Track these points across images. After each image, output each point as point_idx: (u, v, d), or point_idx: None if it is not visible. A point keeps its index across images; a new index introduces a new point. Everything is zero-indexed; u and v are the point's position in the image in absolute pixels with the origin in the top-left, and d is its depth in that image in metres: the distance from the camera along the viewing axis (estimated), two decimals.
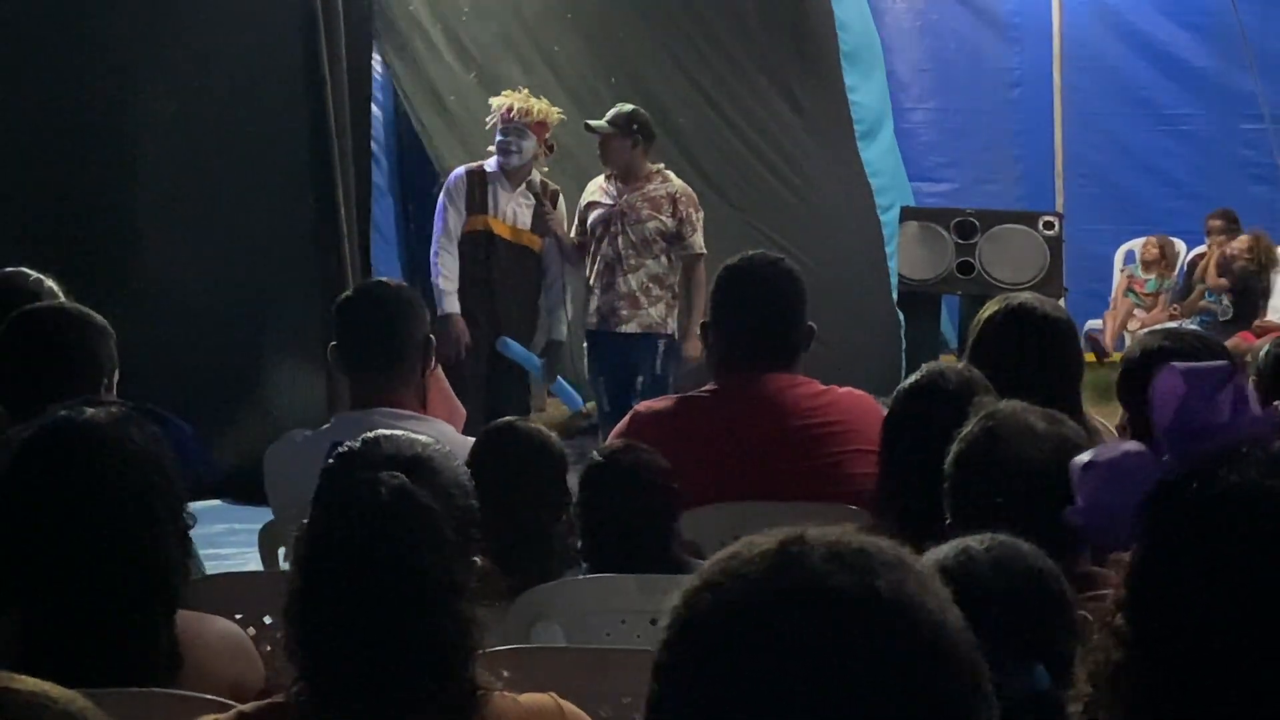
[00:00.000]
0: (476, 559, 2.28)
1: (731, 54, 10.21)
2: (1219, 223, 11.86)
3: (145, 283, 8.05)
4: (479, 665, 2.23)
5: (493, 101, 8.00)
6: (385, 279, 5.74)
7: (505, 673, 2.28)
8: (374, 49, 9.49)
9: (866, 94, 10.57)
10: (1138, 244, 12.61)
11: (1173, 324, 9.85)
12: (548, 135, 7.91)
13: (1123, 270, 12.65)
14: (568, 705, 2.33)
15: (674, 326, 7.78)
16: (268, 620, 3.21)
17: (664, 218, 7.73)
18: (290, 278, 8.47)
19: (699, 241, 7.77)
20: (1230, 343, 6.76)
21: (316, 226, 8.52)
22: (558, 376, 8.15)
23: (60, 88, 7.98)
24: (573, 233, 7.92)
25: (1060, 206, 11.37)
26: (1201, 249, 12.10)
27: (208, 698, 2.44)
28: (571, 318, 7.97)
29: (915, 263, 10.36)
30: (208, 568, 4.04)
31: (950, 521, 2.74)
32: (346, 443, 2.31)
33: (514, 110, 7.76)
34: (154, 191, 8.23)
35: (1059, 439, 2.80)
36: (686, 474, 3.64)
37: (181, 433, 2.70)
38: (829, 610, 1.19)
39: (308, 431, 4.32)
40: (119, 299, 6.41)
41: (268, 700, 2.29)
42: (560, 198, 7.92)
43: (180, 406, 2.96)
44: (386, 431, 2.34)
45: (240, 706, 2.29)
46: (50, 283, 4.23)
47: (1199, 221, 12.08)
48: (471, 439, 3.74)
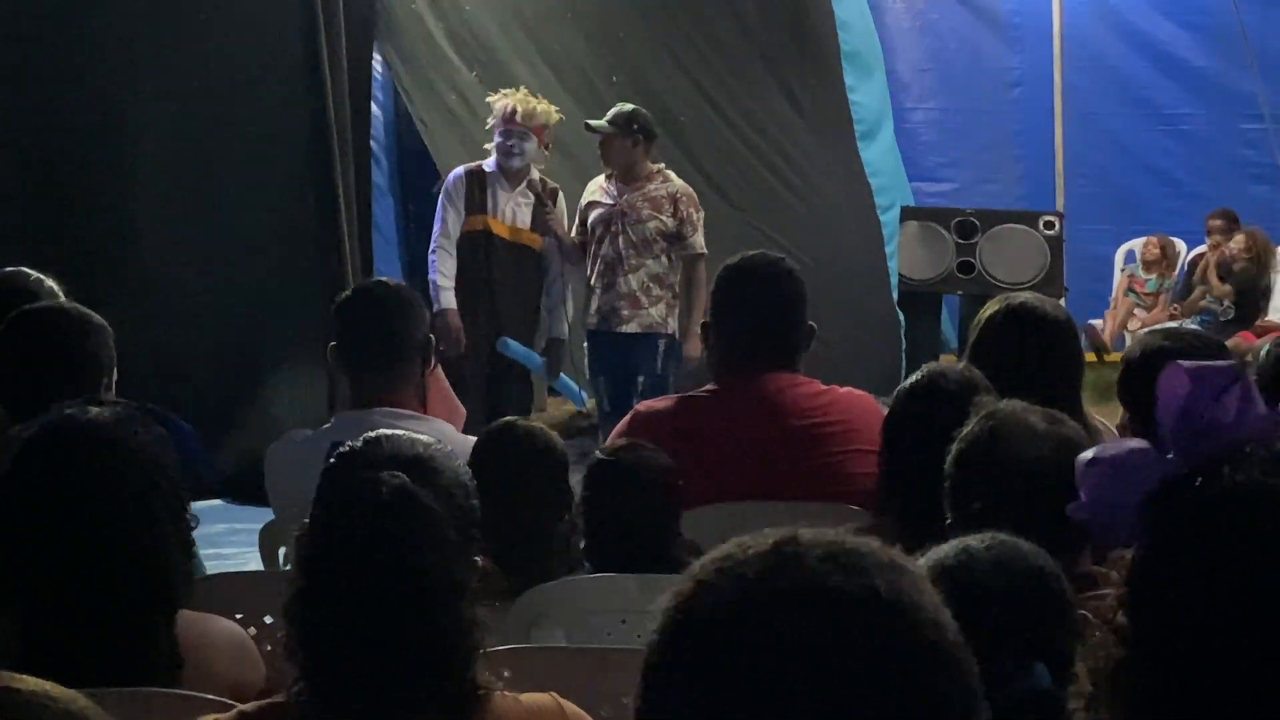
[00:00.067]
0: (478, 559, 2.28)
1: (732, 53, 10.21)
2: (1219, 222, 11.85)
3: (145, 282, 8.04)
4: (480, 665, 2.23)
5: (491, 101, 8.00)
6: (385, 279, 5.74)
7: (506, 672, 2.29)
8: (375, 48, 9.50)
9: (866, 94, 10.57)
10: (1138, 244, 12.60)
11: (1173, 324, 9.83)
12: (546, 136, 7.92)
13: (1123, 270, 12.64)
14: (568, 705, 2.33)
15: (674, 326, 7.78)
16: (268, 620, 3.21)
17: (664, 217, 7.72)
18: (290, 278, 8.47)
19: (699, 241, 7.76)
20: (1231, 342, 6.74)
21: (316, 226, 8.52)
22: (560, 373, 8.15)
23: (60, 88, 7.97)
24: (573, 232, 7.92)
25: (1061, 206, 11.37)
26: (1202, 249, 12.09)
27: (209, 697, 2.44)
28: (572, 317, 7.97)
29: (915, 262, 10.36)
30: (209, 568, 4.03)
31: (951, 521, 2.74)
32: (347, 442, 2.31)
33: (519, 114, 7.75)
34: (154, 191, 8.22)
35: (1059, 439, 2.79)
36: (686, 474, 3.65)
37: (183, 433, 2.70)
38: (830, 610, 1.19)
39: (308, 431, 4.32)
40: (119, 299, 6.43)
41: (268, 700, 2.29)
42: (560, 195, 7.92)
43: (180, 406, 2.97)
44: (387, 431, 2.34)
45: (241, 706, 2.28)
46: (50, 282, 4.23)
47: (1199, 221, 12.06)
48: (472, 438, 3.74)
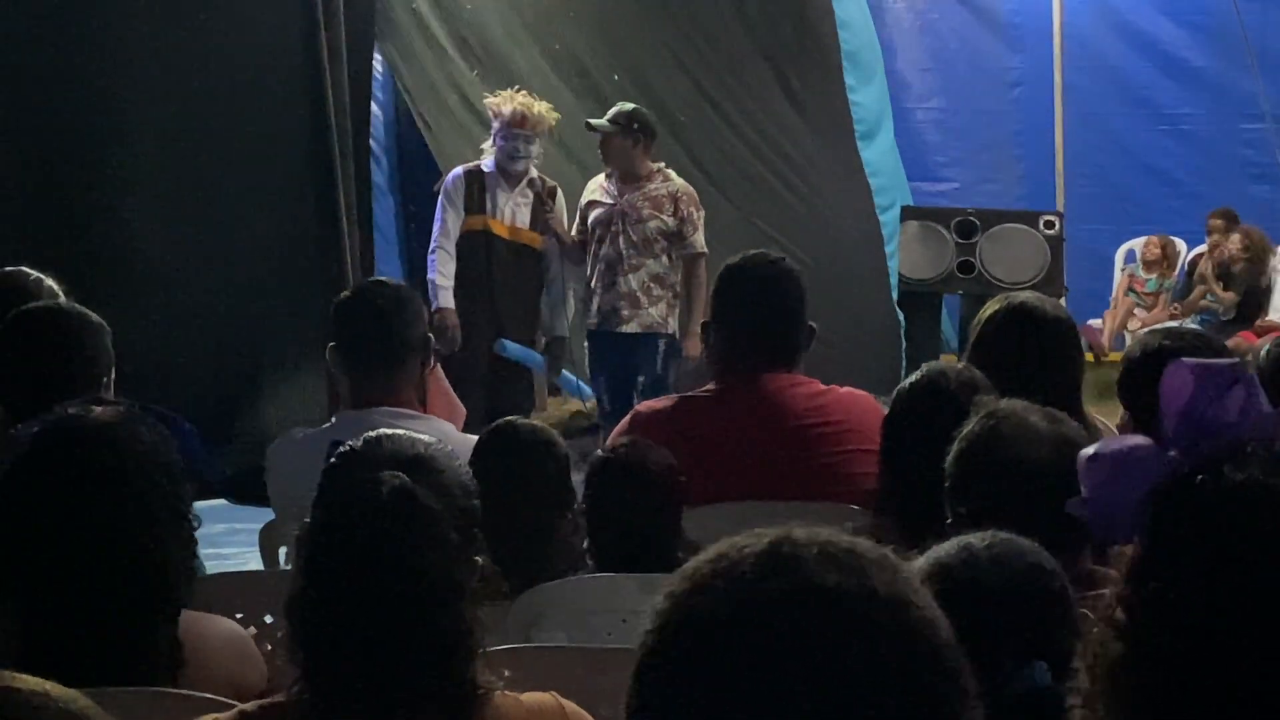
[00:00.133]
0: (478, 559, 2.27)
1: (732, 53, 10.22)
2: (1220, 222, 11.84)
3: (145, 283, 8.03)
4: (480, 665, 2.23)
5: (490, 102, 7.99)
6: (384, 278, 5.74)
7: (506, 672, 2.28)
8: (375, 48, 9.49)
9: (867, 94, 10.57)
10: (1139, 243, 12.60)
11: (1173, 323, 9.83)
12: (546, 136, 7.94)
13: (1124, 270, 12.64)
14: (569, 704, 2.33)
15: (674, 326, 7.78)
16: (268, 619, 3.21)
17: (665, 217, 7.72)
18: (290, 278, 8.46)
19: (700, 240, 7.76)
20: (1231, 342, 6.75)
21: (316, 226, 8.51)
22: (562, 370, 8.15)
23: (60, 88, 7.97)
24: (573, 231, 7.92)
25: (1061, 206, 11.36)
26: (1202, 248, 12.08)
27: (209, 697, 2.43)
28: (573, 316, 7.97)
29: (916, 262, 10.36)
30: (209, 567, 4.01)
31: (951, 521, 2.74)
32: (348, 442, 2.31)
33: (527, 119, 7.75)
34: (154, 191, 8.21)
35: (1060, 438, 2.79)
36: (687, 474, 3.64)
37: (185, 433, 2.69)
38: (830, 610, 1.19)
39: (309, 429, 4.31)
40: (119, 299, 6.42)
41: (269, 700, 2.29)
42: (559, 193, 7.91)
43: (180, 406, 2.96)
44: (388, 431, 2.33)
45: (242, 706, 2.28)
46: (50, 282, 4.23)
47: (1199, 221, 12.06)
48: (473, 437, 3.73)
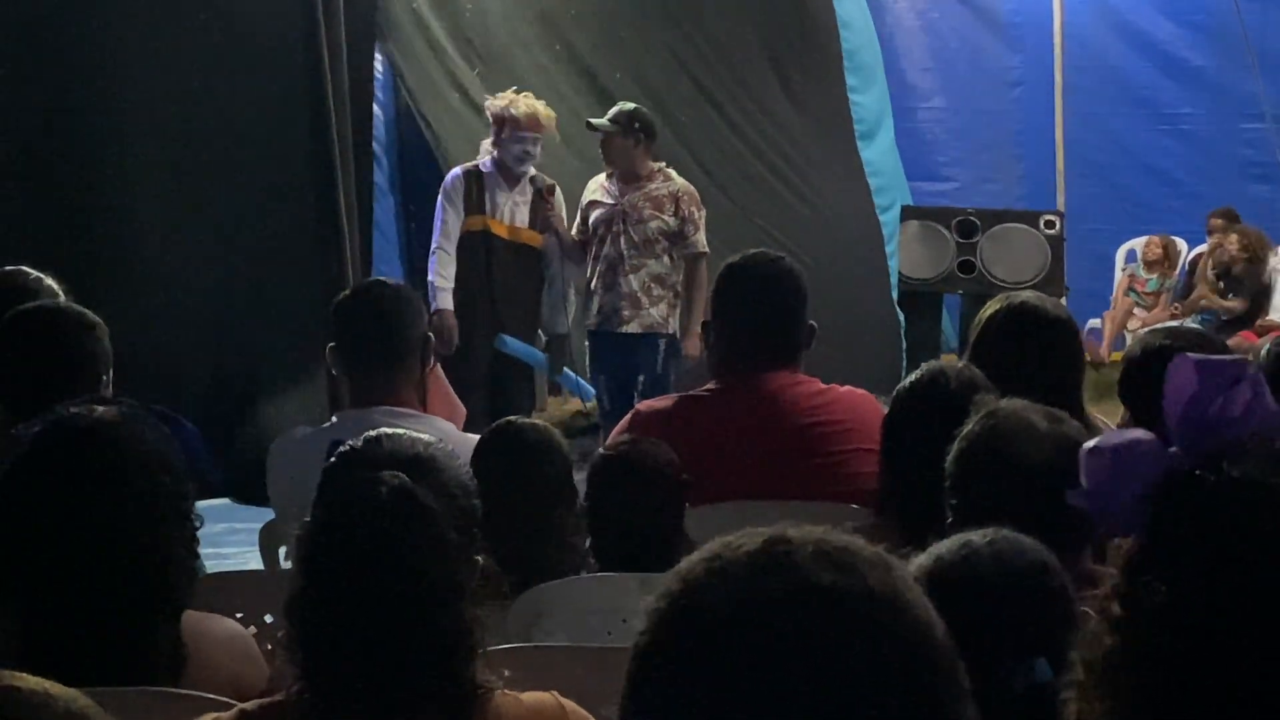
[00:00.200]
0: (478, 558, 2.27)
1: (734, 52, 10.22)
2: (1220, 222, 11.84)
3: (145, 282, 8.04)
4: (480, 664, 2.23)
5: (489, 103, 7.98)
6: (383, 278, 5.73)
7: (507, 671, 2.28)
8: (376, 48, 9.50)
9: (867, 94, 10.57)
10: (1139, 243, 12.60)
11: (1174, 323, 9.83)
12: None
13: (1124, 269, 12.64)
14: (570, 704, 2.32)
15: (675, 326, 7.77)
16: (268, 619, 3.21)
17: (666, 217, 7.71)
18: (290, 278, 8.47)
19: (701, 240, 7.75)
20: (1232, 342, 6.76)
21: (316, 226, 8.52)
22: (564, 369, 8.15)
23: (60, 88, 7.97)
24: (574, 230, 7.91)
25: (1061, 205, 11.36)
26: (1203, 248, 12.08)
27: (210, 696, 2.43)
28: (573, 314, 7.97)
29: (916, 262, 10.36)
30: (209, 567, 4.00)
31: (951, 520, 2.74)
32: (348, 442, 2.31)
33: (540, 122, 7.75)
34: (154, 191, 8.22)
35: (1060, 437, 2.79)
36: (687, 473, 3.64)
37: (186, 433, 2.69)
38: (825, 609, 1.19)
39: (310, 428, 4.31)
40: (119, 299, 6.43)
41: (269, 699, 2.28)
42: (558, 191, 7.91)
43: (180, 406, 2.96)
44: (388, 430, 2.33)
45: (242, 705, 2.28)
46: (50, 281, 4.22)
47: (1199, 221, 12.06)
48: (473, 437, 3.73)
